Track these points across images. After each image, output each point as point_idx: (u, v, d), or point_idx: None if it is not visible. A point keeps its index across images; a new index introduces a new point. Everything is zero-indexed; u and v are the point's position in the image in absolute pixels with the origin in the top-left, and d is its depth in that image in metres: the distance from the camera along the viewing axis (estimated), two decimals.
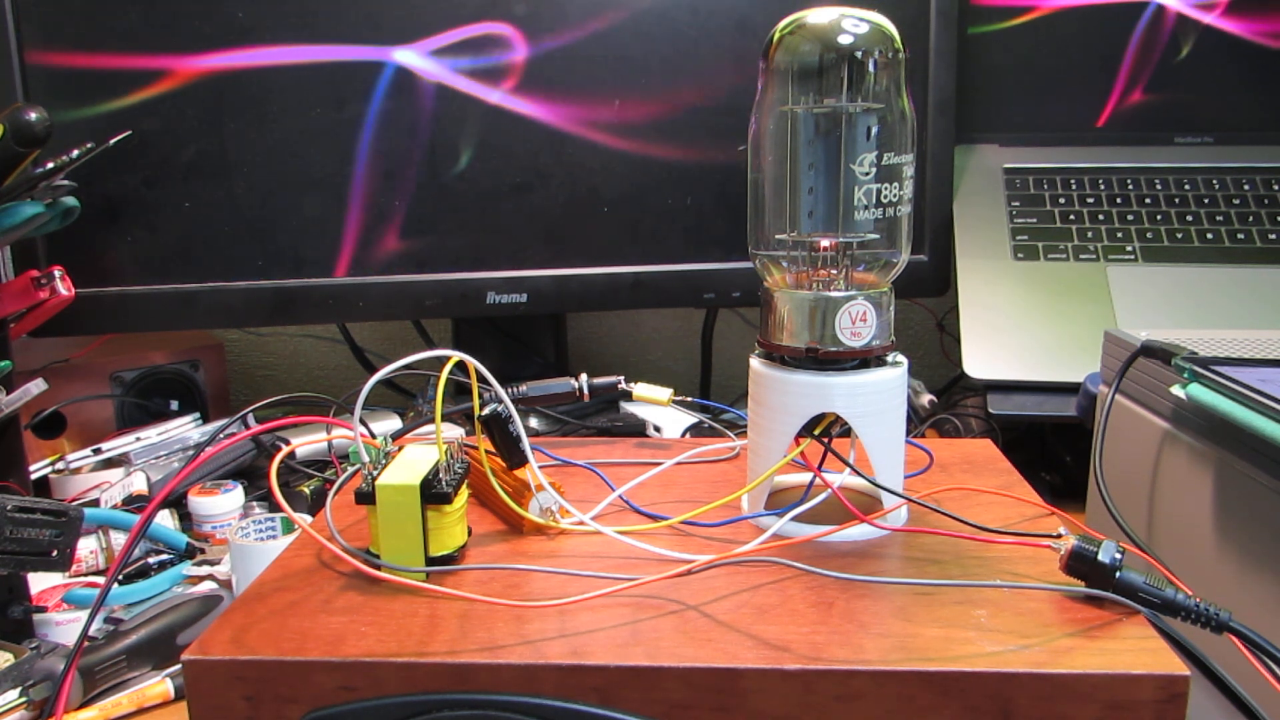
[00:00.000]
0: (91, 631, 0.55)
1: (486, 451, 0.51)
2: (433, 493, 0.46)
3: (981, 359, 0.84)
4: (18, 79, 0.81)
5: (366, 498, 0.46)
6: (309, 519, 0.66)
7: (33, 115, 0.65)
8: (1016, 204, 0.97)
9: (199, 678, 0.40)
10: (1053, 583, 0.44)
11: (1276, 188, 0.96)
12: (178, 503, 0.78)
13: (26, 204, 0.69)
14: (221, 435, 0.84)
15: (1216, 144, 1.01)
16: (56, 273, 0.74)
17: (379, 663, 0.39)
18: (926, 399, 0.95)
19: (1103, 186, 0.97)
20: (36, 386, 0.65)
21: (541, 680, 0.39)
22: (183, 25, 0.83)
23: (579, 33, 0.88)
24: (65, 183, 0.72)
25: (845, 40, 0.51)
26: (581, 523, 0.51)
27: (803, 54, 0.51)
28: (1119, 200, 0.96)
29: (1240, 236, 0.92)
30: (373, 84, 0.86)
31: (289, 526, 0.66)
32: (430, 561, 0.47)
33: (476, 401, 0.50)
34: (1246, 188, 0.96)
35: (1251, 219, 0.94)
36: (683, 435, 0.86)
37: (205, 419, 0.94)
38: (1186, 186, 0.97)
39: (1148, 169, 0.99)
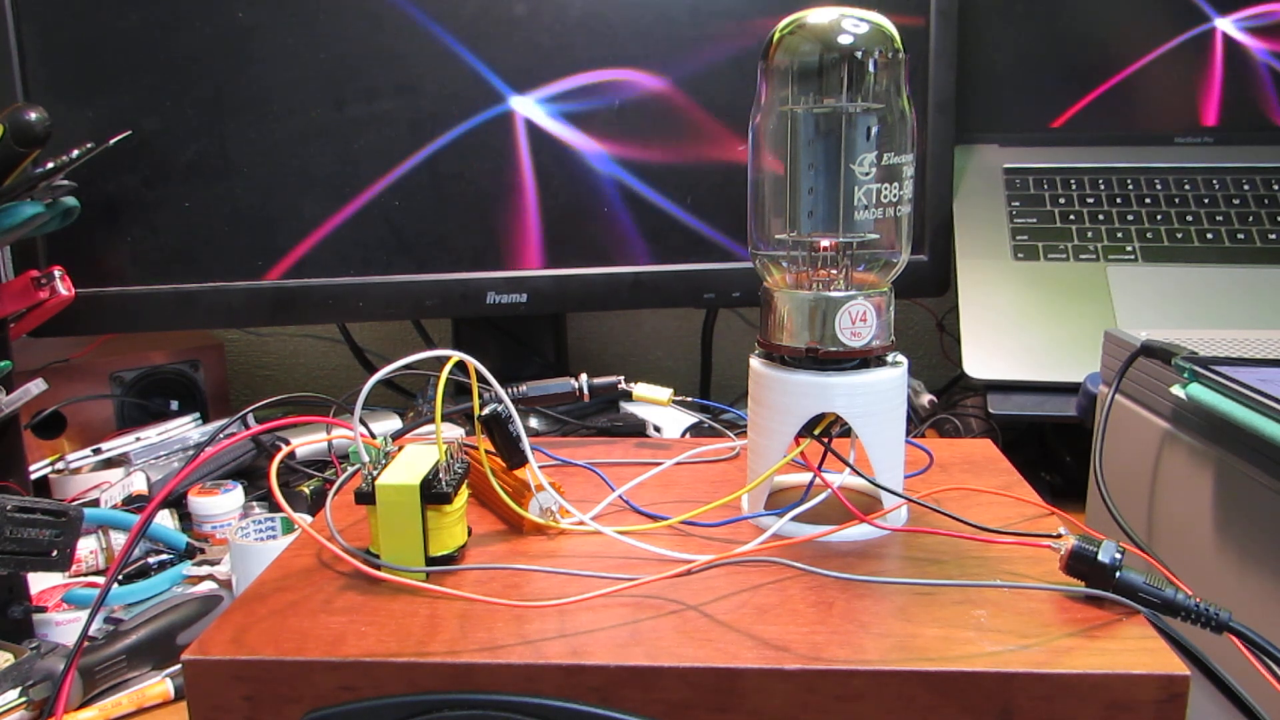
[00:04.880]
0: (91, 631, 0.55)
1: (486, 451, 0.51)
2: (433, 493, 0.46)
3: (981, 359, 0.84)
4: (18, 79, 0.81)
5: (366, 498, 0.46)
6: (309, 519, 0.66)
7: (33, 115, 0.65)
8: (1016, 204, 0.97)
9: (199, 678, 0.40)
10: (1053, 583, 0.44)
11: (1276, 188, 0.96)
12: (178, 503, 0.78)
13: (26, 204, 0.69)
14: (221, 435, 0.84)
15: (1216, 144, 1.01)
16: (56, 273, 0.74)
17: (379, 663, 0.39)
18: (926, 399, 0.95)
19: (1103, 186, 0.97)
20: (36, 386, 0.65)
21: (541, 680, 0.39)
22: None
23: (578, 33, 0.88)
24: (65, 183, 0.72)
25: (845, 40, 0.51)
26: (581, 523, 0.51)
27: (803, 54, 0.51)
28: (1119, 200, 0.96)
29: (1240, 236, 0.92)
30: (372, 85, 0.86)
31: (289, 526, 0.66)
32: (430, 561, 0.47)
33: (476, 401, 0.50)
34: (1246, 188, 0.96)
35: (1251, 219, 0.94)
36: (683, 435, 0.86)
37: (205, 419, 0.94)
38: (1186, 186, 0.97)
39: (1148, 169, 0.99)
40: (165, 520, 0.74)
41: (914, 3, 0.90)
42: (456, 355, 0.47)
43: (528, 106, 0.88)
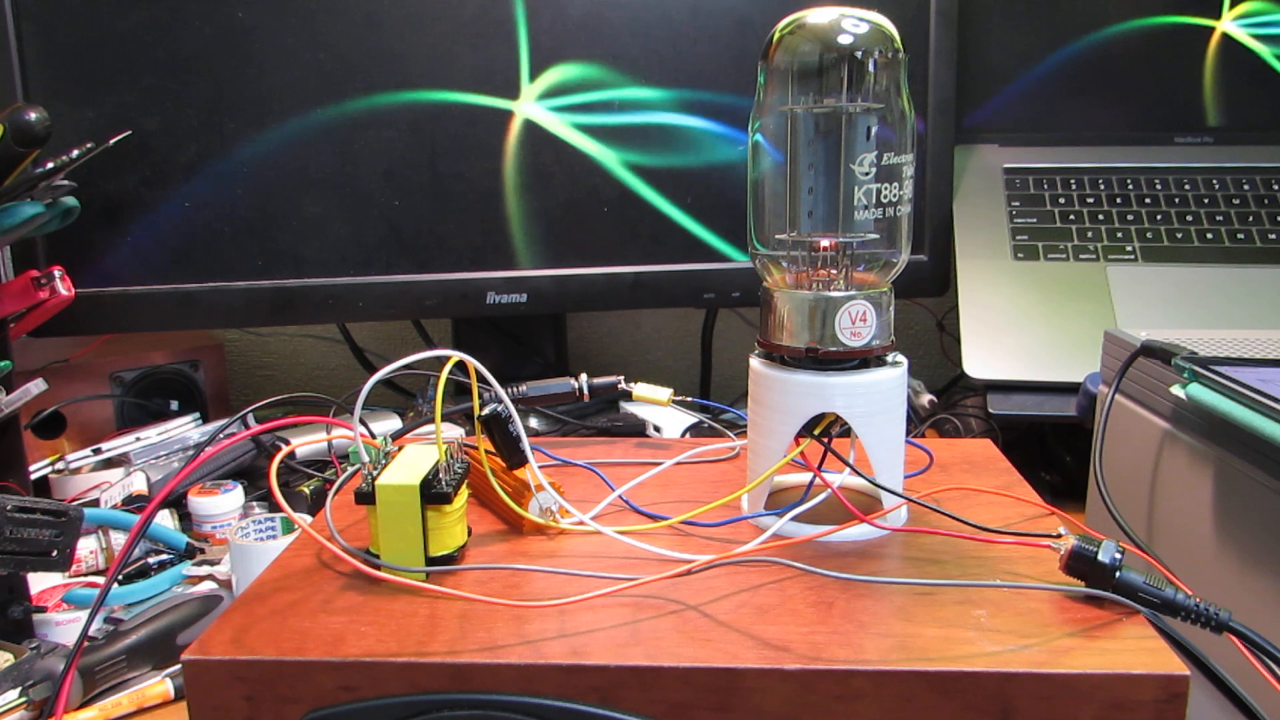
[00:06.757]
0: (91, 631, 0.55)
1: (486, 451, 0.51)
2: (433, 493, 0.46)
3: (981, 359, 0.84)
4: (18, 79, 0.81)
5: (366, 498, 0.46)
6: (309, 519, 0.66)
7: (33, 115, 0.65)
8: (1016, 204, 0.97)
9: (199, 678, 0.40)
10: (1053, 583, 0.44)
11: (1276, 188, 0.96)
12: (178, 503, 0.78)
13: (26, 204, 0.69)
14: (221, 435, 0.84)
15: (1216, 144, 1.01)
16: (56, 273, 0.74)
17: (379, 663, 0.39)
18: (926, 399, 0.95)
19: (1103, 186, 0.97)
20: (36, 386, 0.65)
21: (541, 680, 0.39)
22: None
23: (578, 33, 0.88)
24: (65, 183, 0.72)
25: (845, 40, 0.51)
26: (581, 523, 0.51)
27: (803, 54, 0.51)
28: (1119, 200, 0.96)
29: (1240, 236, 0.92)
30: (372, 85, 0.86)
31: (289, 526, 0.66)
32: (430, 561, 0.47)
33: (476, 401, 0.50)
34: (1246, 188, 0.96)
35: (1251, 219, 0.94)
36: (683, 435, 0.86)
37: (205, 419, 0.94)
38: (1186, 186, 0.97)
39: (1148, 169, 0.99)
40: (165, 520, 0.75)
41: (914, 3, 0.91)
42: (456, 355, 0.47)
43: (530, 107, 0.89)
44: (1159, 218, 0.94)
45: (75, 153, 0.70)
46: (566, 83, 0.89)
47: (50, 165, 0.69)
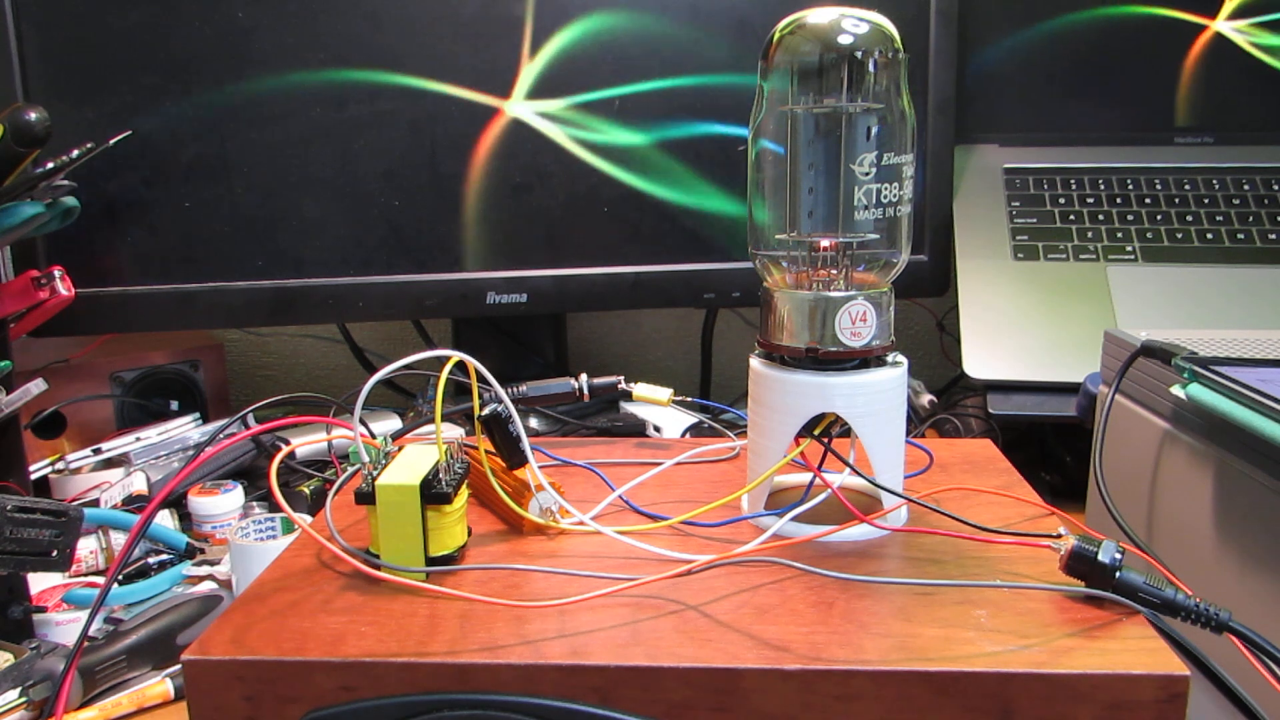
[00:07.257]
0: (91, 631, 0.55)
1: (486, 451, 0.51)
2: (433, 493, 0.46)
3: (981, 359, 0.84)
4: (18, 79, 0.81)
5: (366, 498, 0.46)
6: (309, 519, 0.66)
7: (33, 115, 0.65)
8: (1016, 204, 0.97)
9: (199, 678, 0.40)
10: (1053, 583, 0.44)
11: (1276, 188, 0.96)
12: (178, 503, 0.78)
13: (26, 204, 0.69)
14: (221, 435, 0.84)
15: (1216, 144, 1.01)
16: (56, 273, 0.74)
17: (379, 663, 0.39)
18: (926, 399, 0.95)
19: (1103, 186, 0.97)
20: (36, 386, 0.65)
21: (541, 680, 0.39)
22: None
23: (579, 34, 0.88)
24: (65, 183, 0.72)
25: (845, 40, 0.51)
26: (581, 523, 0.51)
27: (803, 54, 0.51)
28: (1119, 200, 0.96)
29: (1240, 236, 0.92)
30: (373, 87, 0.86)
31: (289, 526, 0.66)
32: (430, 561, 0.47)
33: (476, 401, 0.50)
34: (1246, 188, 0.96)
35: (1251, 219, 0.94)
36: (683, 435, 0.86)
37: (205, 419, 0.94)
38: (1186, 186, 0.97)
39: (1148, 169, 0.99)
40: (165, 520, 0.75)
41: (914, 2, 0.91)
42: (456, 355, 0.47)
43: (531, 106, 0.89)
44: (1159, 218, 0.94)
45: (75, 153, 0.70)
46: (567, 82, 0.89)
47: (50, 165, 0.69)
